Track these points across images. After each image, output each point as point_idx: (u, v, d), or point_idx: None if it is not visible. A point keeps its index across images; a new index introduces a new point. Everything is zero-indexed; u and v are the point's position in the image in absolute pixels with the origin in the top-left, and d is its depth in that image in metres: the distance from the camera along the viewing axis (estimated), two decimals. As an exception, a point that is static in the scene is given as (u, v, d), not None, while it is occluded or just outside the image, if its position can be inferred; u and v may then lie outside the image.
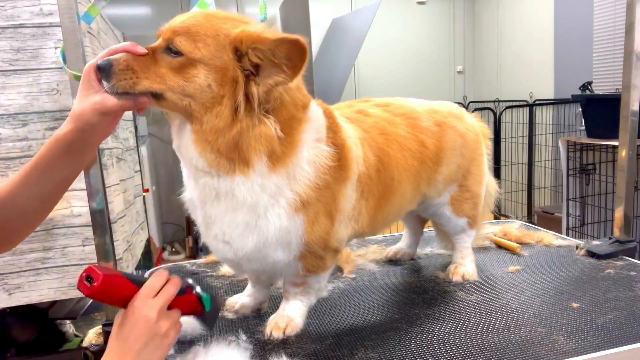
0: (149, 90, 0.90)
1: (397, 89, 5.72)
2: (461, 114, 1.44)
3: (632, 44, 1.55)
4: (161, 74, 0.89)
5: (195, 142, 0.93)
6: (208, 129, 0.91)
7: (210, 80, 0.89)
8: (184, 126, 0.95)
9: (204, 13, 0.93)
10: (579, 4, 4.53)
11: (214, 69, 0.89)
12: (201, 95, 0.90)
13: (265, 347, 1.10)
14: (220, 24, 0.91)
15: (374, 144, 1.18)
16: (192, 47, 0.88)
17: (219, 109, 0.90)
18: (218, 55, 0.89)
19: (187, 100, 0.90)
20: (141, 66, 0.89)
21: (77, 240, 1.57)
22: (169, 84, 0.89)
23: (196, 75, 0.89)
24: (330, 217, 1.06)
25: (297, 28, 3.80)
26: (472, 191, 1.44)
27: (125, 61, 0.89)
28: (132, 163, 2.31)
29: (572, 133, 4.47)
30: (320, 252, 1.08)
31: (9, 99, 1.48)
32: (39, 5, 1.47)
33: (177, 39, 0.89)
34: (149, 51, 0.91)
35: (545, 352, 1.03)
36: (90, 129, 0.92)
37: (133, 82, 0.89)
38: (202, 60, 0.89)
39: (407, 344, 1.10)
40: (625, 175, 1.65)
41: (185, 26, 0.90)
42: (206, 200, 1.01)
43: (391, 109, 1.31)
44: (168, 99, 0.91)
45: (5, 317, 1.93)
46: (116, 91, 0.89)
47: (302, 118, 1.00)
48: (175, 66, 0.89)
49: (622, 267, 1.50)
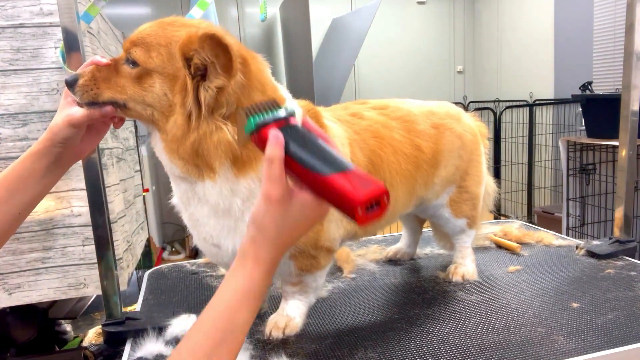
0: (112, 99, 0.92)
1: (397, 89, 5.72)
2: (459, 114, 1.44)
3: (632, 44, 1.55)
4: (122, 84, 0.92)
5: (165, 150, 0.95)
6: (170, 137, 0.92)
7: (165, 89, 0.91)
8: (155, 134, 0.97)
9: (161, 22, 0.94)
10: (579, 4, 4.53)
11: (167, 77, 0.90)
12: (160, 104, 0.91)
13: (265, 347, 1.10)
14: (174, 32, 0.91)
15: (365, 146, 1.18)
16: (146, 56, 0.90)
17: (175, 117, 0.91)
18: (170, 64, 0.90)
19: (150, 110, 0.93)
20: (104, 77, 0.92)
21: (77, 240, 1.56)
22: (130, 94, 0.92)
23: (152, 84, 0.91)
24: None
25: (297, 28, 3.80)
26: (470, 192, 1.44)
27: (90, 73, 0.92)
28: (132, 163, 2.31)
29: (572, 133, 4.47)
30: (312, 251, 1.09)
31: (9, 99, 1.48)
32: (38, 5, 1.47)
33: (134, 49, 0.91)
34: (112, 62, 0.94)
35: (545, 352, 1.03)
36: (62, 142, 0.94)
37: (95, 93, 0.91)
38: (156, 70, 0.90)
39: (407, 344, 1.10)
40: (625, 175, 1.64)
41: (141, 37, 0.91)
42: (190, 203, 1.01)
43: (387, 112, 1.31)
44: (131, 109, 0.93)
45: (5, 317, 1.93)
46: (83, 102, 0.92)
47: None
48: (134, 76, 0.91)
49: (622, 267, 1.50)
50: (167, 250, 4.84)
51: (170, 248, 4.89)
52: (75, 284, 1.59)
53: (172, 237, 4.99)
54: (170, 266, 1.72)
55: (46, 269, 1.56)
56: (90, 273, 1.58)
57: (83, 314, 2.41)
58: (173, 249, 4.90)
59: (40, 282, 1.57)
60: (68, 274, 1.58)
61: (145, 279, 1.60)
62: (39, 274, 1.56)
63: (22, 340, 2.01)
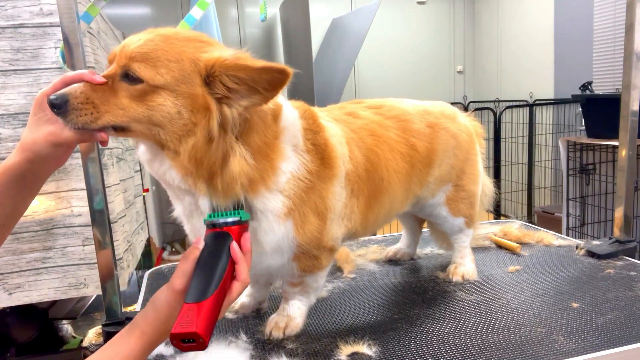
0: (112, 124, 0.84)
1: (397, 89, 5.72)
2: (454, 114, 1.44)
3: (632, 44, 1.56)
4: (123, 105, 0.83)
5: (176, 168, 0.89)
6: (186, 159, 0.87)
7: (179, 107, 0.84)
8: (157, 152, 0.90)
9: (162, 35, 0.87)
10: (579, 4, 4.53)
11: (182, 95, 0.84)
12: (171, 123, 0.85)
13: (265, 347, 1.10)
14: (182, 47, 0.86)
15: (362, 144, 1.18)
16: (153, 73, 0.83)
17: (194, 138, 0.85)
18: (184, 81, 0.84)
19: (156, 130, 0.85)
20: (101, 98, 0.83)
21: (77, 240, 1.56)
22: (133, 115, 0.84)
23: (162, 103, 0.84)
24: (321, 216, 1.06)
25: (297, 28, 3.80)
26: (467, 190, 1.44)
27: (82, 93, 0.82)
28: (132, 163, 2.31)
29: (572, 133, 4.47)
30: (314, 251, 1.09)
31: (9, 99, 1.48)
32: (39, 5, 1.47)
33: (135, 65, 0.83)
34: (107, 80, 0.85)
35: (545, 352, 1.03)
36: (42, 160, 0.87)
37: (94, 117, 0.82)
38: (167, 87, 0.84)
39: (407, 344, 1.10)
40: (625, 175, 1.65)
41: (144, 51, 0.84)
42: (193, 215, 1.00)
43: (382, 112, 1.31)
44: (134, 130, 0.86)
45: (5, 317, 1.93)
46: (75, 127, 0.83)
47: (275, 133, 0.97)
48: (136, 94, 0.83)
49: (622, 267, 1.50)
50: (167, 250, 4.84)
51: (170, 248, 4.89)
52: (75, 284, 1.59)
53: (172, 237, 4.99)
54: (170, 266, 1.72)
55: (46, 269, 1.56)
56: (90, 273, 1.59)
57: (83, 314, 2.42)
58: (173, 249, 4.90)
59: (41, 282, 1.57)
60: (68, 274, 1.58)
61: (145, 279, 1.60)
62: (39, 274, 1.56)
63: (22, 340, 2.01)
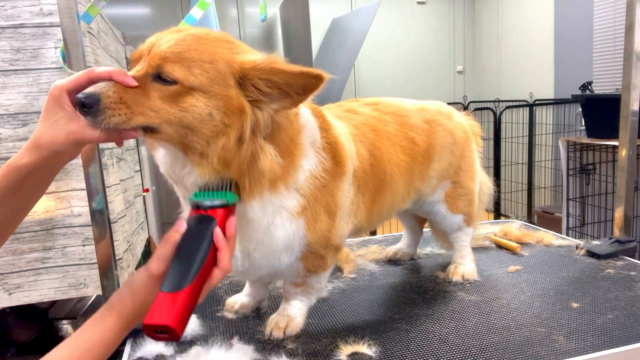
0: (145, 125, 0.82)
1: (397, 88, 5.73)
2: (450, 112, 1.46)
3: (632, 44, 1.56)
4: (156, 107, 0.81)
5: (200, 171, 0.87)
6: (215, 161, 0.85)
7: (211, 109, 0.83)
8: (178, 155, 0.89)
9: (193, 35, 0.85)
10: (579, 4, 4.53)
11: (215, 96, 0.83)
12: (201, 125, 0.83)
13: (265, 347, 1.10)
14: (215, 48, 0.85)
15: (365, 139, 1.19)
16: (187, 74, 0.81)
17: (225, 139, 0.84)
18: (218, 82, 0.83)
19: (185, 131, 0.84)
20: (133, 99, 0.81)
21: (77, 240, 1.56)
22: (165, 117, 0.82)
23: (194, 104, 0.82)
24: (331, 214, 1.07)
25: (297, 28, 3.80)
26: (465, 187, 1.45)
27: (116, 93, 0.80)
28: (132, 163, 2.31)
29: (572, 133, 4.47)
30: (322, 251, 1.09)
31: (9, 99, 1.48)
32: (39, 5, 1.47)
33: (169, 66, 0.81)
34: (139, 82, 0.82)
35: (545, 352, 1.03)
36: (57, 157, 0.84)
37: (127, 117, 0.80)
38: (201, 88, 0.82)
39: (407, 344, 1.10)
40: (625, 175, 1.65)
41: (177, 51, 0.82)
42: None
43: (380, 108, 1.33)
44: (163, 132, 0.83)
45: (5, 317, 1.93)
46: (106, 127, 0.80)
47: (297, 131, 0.98)
48: (169, 95, 0.82)
49: (622, 267, 1.50)
50: (167, 250, 4.83)
51: (170, 248, 4.89)
52: (75, 284, 1.59)
53: (172, 237, 4.98)
54: (170, 266, 1.72)
55: (46, 269, 1.56)
56: (90, 273, 1.58)
57: (83, 314, 2.41)
58: (173, 249, 4.90)
59: (41, 282, 1.57)
60: (68, 274, 1.58)
61: (145, 279, 1.60)
62: (39, 274, 1.56)
63: (22, 340, 2.01)
